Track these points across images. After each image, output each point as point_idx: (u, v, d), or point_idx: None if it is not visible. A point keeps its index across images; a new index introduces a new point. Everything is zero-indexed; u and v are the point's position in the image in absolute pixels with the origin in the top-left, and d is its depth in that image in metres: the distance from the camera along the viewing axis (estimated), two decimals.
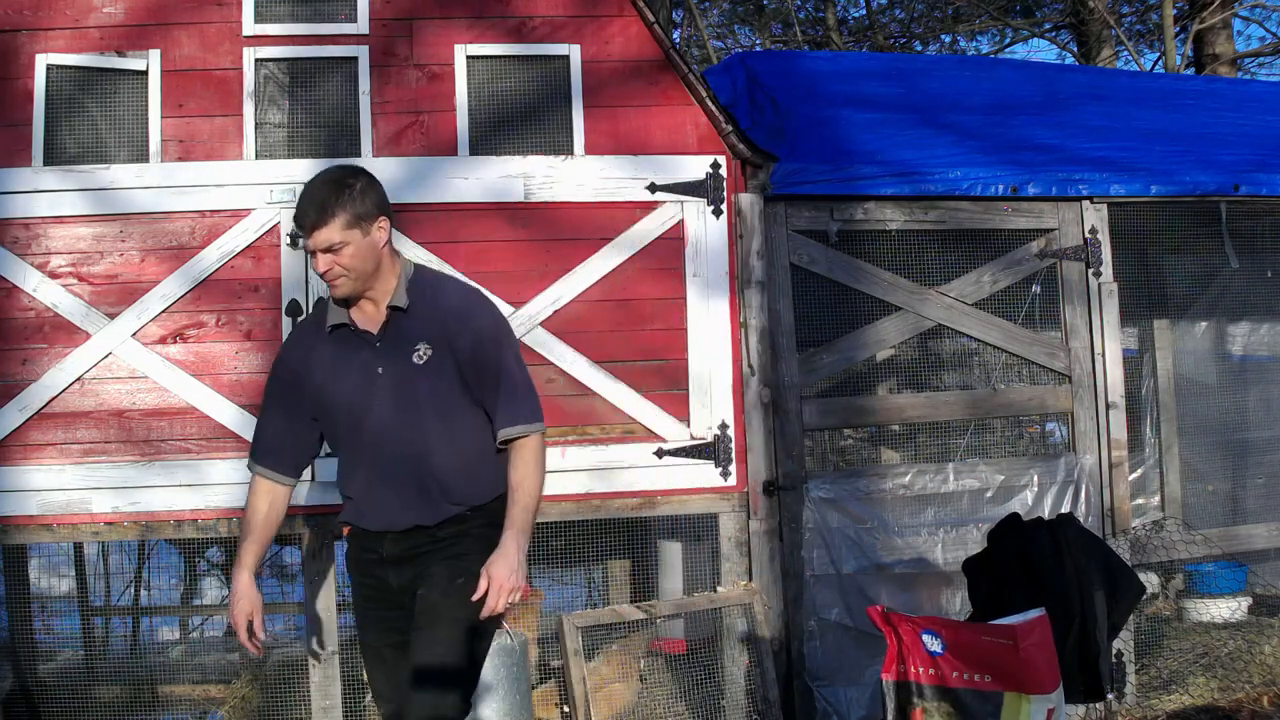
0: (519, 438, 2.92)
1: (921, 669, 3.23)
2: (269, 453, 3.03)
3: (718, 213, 4.48)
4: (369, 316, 2.95)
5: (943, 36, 14.14)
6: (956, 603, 4.61)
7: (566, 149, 4.41)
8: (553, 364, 4.35)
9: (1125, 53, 12.35)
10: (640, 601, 4.54)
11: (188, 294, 4.18)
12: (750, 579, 4.47)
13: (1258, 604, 5.35)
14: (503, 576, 2.77)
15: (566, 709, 4.22)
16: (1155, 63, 12.09)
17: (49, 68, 4.16)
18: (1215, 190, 4.89)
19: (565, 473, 4.32)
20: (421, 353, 2.91)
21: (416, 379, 2.91)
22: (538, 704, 4.25)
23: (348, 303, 2.94)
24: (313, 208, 2.82)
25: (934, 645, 3.23)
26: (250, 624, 2.91)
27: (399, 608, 2.96)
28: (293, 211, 4.12)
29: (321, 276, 2.89)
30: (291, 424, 3.02)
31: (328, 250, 2.83)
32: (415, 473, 2.90)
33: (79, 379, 4.12)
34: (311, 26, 4.30)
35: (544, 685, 4.43)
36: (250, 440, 3.21)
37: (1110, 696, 4.46)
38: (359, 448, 2.97)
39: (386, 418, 2.91)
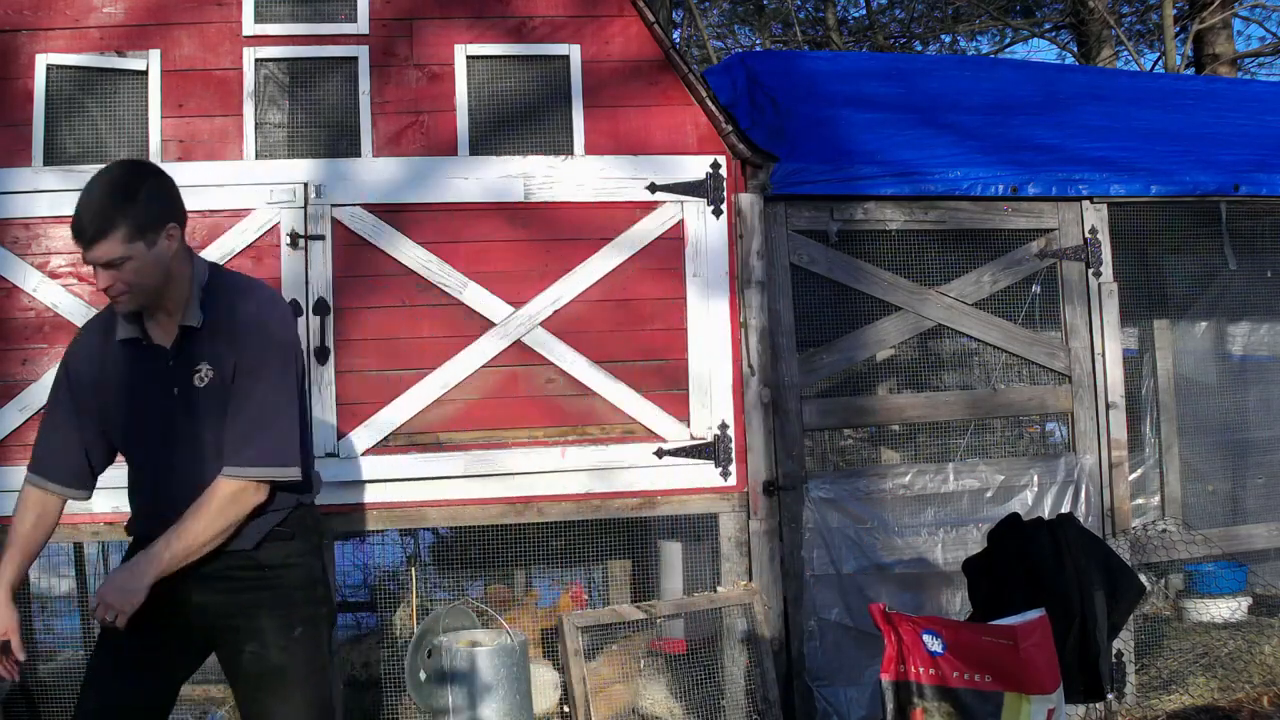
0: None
1: (922, 669, 3.24)
2: (47, 463, 2.79)
3: (718, 213, 4.48)
4: (163, 328, 2.72)
5: (943, 36, 14.15)
6: (956, 603, 4.61)
7: (566, 149, 4.41)
8: (553, 364, 4.35)
9: (1125, 53, 12.36)
10: (640, 601, 4.53)
11: None
12: (750, 579, 4.47)
13: (1258, 604, 5.36)
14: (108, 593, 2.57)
15: (566, 709, 4.21)
16: (1155, 63, 12.09)
17: (49, 68, 4.16)
18: (1215, 190, 4.89)
19: (565, 473, 4.33)
20: (203, 374, 2.68)
21: (197, 402, 2.68)
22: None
23: (138, 315, 2.71)
24: (90, 218, 2.54)
25: (934, 645, 3.23)
26: (6, 644, 2.67)
27: (167, 626, 2.73)
28: (293, 212, 4.19)
29: (104, 292, 2.64)
30: (80, 434, 2.78)
31: (108, 266, 2.57)
32: (190, 502, 2.65)
33: None
34: (311, 26, 4.30)
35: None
36: None
37: (1110, 696, 4.46)
38: (144, 466, 2.77)
39: (171, 441, 2.70)
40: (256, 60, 4.26)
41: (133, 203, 2.56)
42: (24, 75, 4.15)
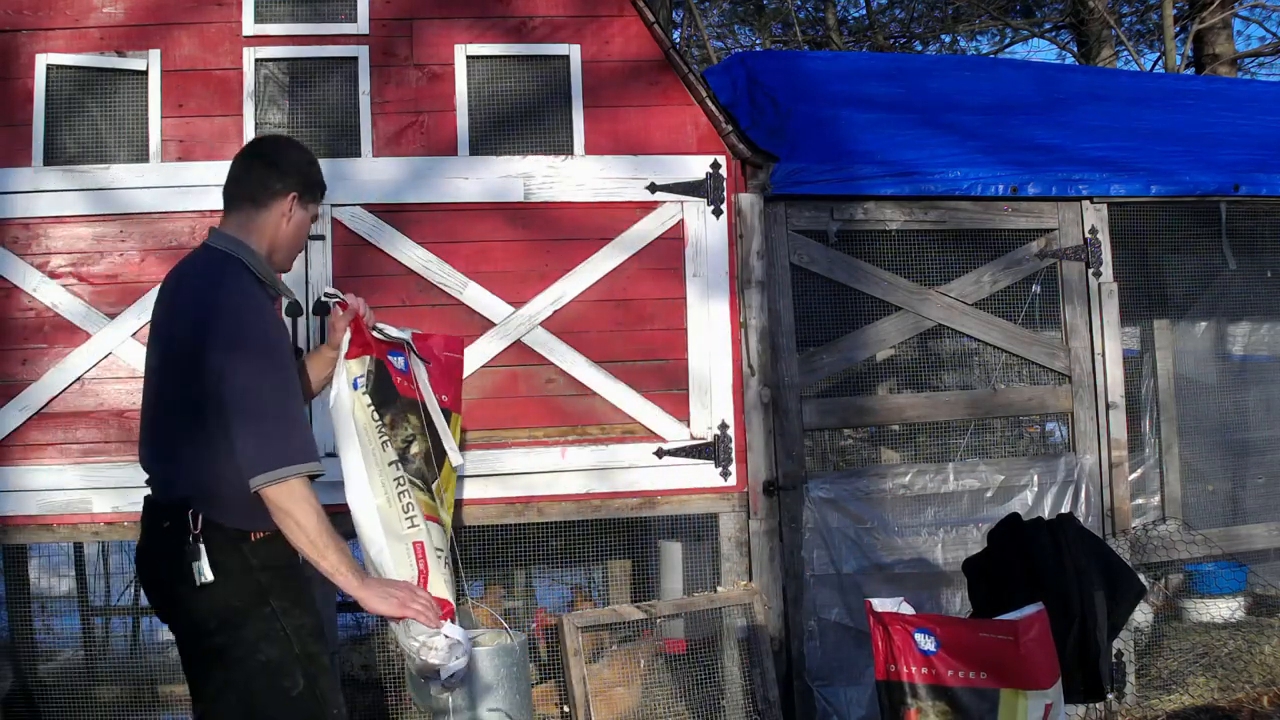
0: None
1: (914, 668, 3.22)
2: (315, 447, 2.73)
3: (718, 213, 4.48)
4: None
5: (943, 36, 14.16)
6: (956, 603, 4.61)
7: (566, 149, 4.41)
8: (553, 364, 4.35)
9: (1125, 53, 12.37)
10: (640, 601, 4.53)
11: None
12: (750, 579, 4.47)
13: (1258, 604, 5.35)
14: None
15: (566, 709, 4.21)
16: (1155, 63, 12.10)
17: (49, 68, 4.16)
18: (1215, 190, 4.89)
19: (565, 473, 4.33)
20: None
21: None
22: (537, 703, 4.26)
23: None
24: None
25: (927, 644, 3.21)
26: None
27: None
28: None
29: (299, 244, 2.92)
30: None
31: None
32: None
33: (79, 379, 4.12)
34: (311, 26, 4.30)
35: (543, 684, 4.44)
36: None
37: (1110, 696, 4.46)
38: None
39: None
40: (256, 60, 4.26)
41: None
42: (24, 75, 4.15)
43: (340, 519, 2.81)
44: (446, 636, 2.76)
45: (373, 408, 2.88)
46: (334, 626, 4.31)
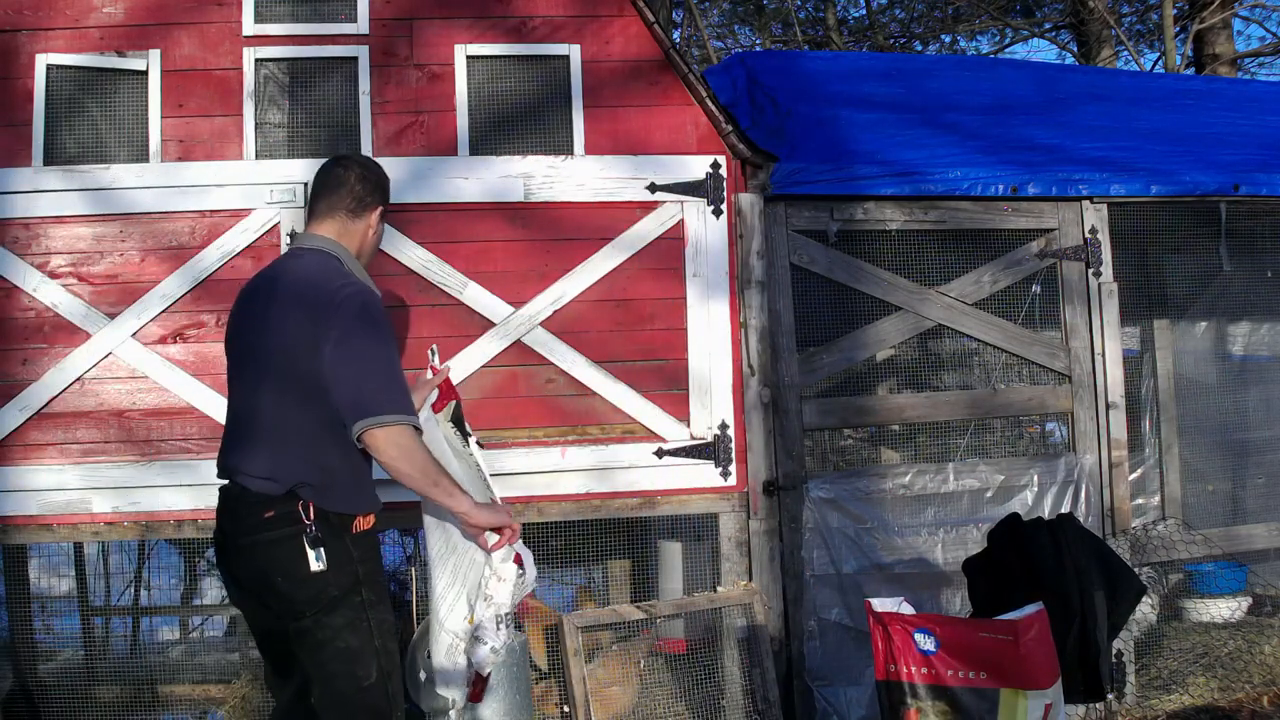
0: None
1: (914, 668, 3.22)
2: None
3: (718, 213, 4.48)
4: None
5: (943, 36, 14.16)
6: (957, 603, 4.61)
7: (566, 149, 4.41)
8: (553, 364, 4.35)
9: (1125, 53, 12.36)
10: (640, 601, 4.53)
11: (188, 294, 4.19)
12: (750, 579, 4.47)
13: (1258, 604, 5.35)
14: None
15: (566, 709, 4.21)
16: (1155, 63, 12.10)
17: (49, 68, 4.16)
18: (1215, 190, 4.89)
19: (565, 472, 4.32)
20: None
21: None
22: (537, 703, 4.26)
23: None
24: None
25: (927, 644, 3.22)
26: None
27: None
28: (293, 212, 4.19)
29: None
30: None
31: None
32: None
33: (79, 379, 4.13)
34: (311, 26, 4.30)
35: (542, 683, 4.43)
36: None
37: (1110, 696, 4.46)
38: None
39: None
40: (256, 60, 4.26)
41: None
42: (24, 75, 4.15)
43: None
44: (519, 557, 3.14)
45: (453, 425, 3.51)
46: None
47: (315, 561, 2.85)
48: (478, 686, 3.20)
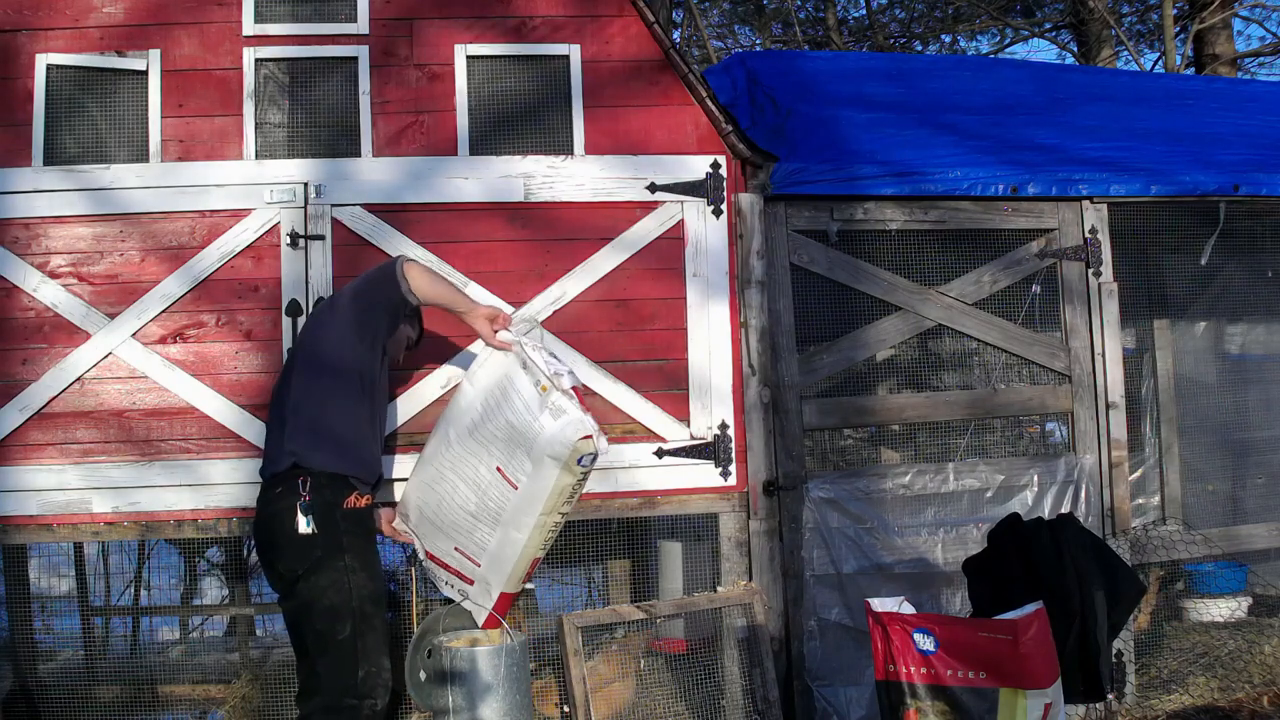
0: None
1: (914, 668, 3.22)
2: None
3: (718, 212, 4.48)
4: None
5: (943, 36, 14.15)
6: (957, 602, 4.61)
7: (566, 149, 4.41)
8: None
9: (1125, 53, 12.37)
10: (640, 601, 4.53)
11: (188, 294, 4.19)
12: (750, 579, 4.47)
13: (1258, 604, 5.35)
14: None
15: (566, 708, 4.21)
16: (1155, 63, 12.10)
17: (49, 68, 4.16)
18: (1215, 190, 4.90)
19: None
20: None
21: None
22: (537, 701, 4.25)
23: None
24: None
25: (926, 644, 3.21)
26: None
27: None
28: (293, 212, 4.19)
29: None
30: None
31: None
32: None
33: (79, 379, 4.13)
34: (311, 26, 4.30)
35: (541, 679, 4.43)
36: (250, 441, 3.80)
37: (1110, 696, 4.46)
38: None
39: None
40: (256, 60, 4.26)
41: None
42: (24, 75, 4.15)
43: None
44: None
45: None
46: None
47: (305, 525, 3.43)
48: None
